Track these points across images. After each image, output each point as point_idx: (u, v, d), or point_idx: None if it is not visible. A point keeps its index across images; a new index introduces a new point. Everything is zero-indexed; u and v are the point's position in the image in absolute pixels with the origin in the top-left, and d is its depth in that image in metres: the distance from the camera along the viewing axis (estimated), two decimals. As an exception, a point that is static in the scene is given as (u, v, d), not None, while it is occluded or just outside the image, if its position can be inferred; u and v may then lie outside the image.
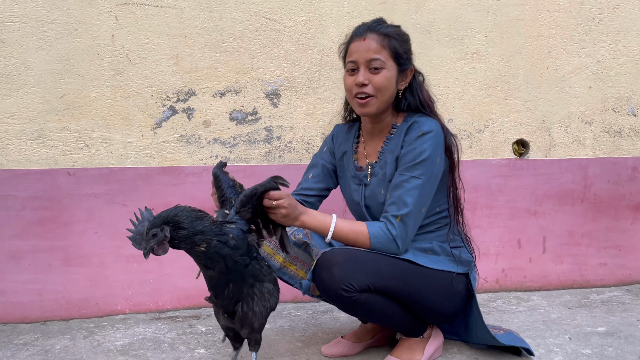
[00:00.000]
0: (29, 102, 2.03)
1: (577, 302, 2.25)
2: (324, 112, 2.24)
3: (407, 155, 1.53)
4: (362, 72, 1.54)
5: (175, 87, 2.14)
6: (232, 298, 1.34)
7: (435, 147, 1.53)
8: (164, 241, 1.19)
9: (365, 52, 1.53)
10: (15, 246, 2.04)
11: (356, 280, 1.42)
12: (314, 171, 1.76)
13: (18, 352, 1.77)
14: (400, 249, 1.50)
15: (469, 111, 2.35)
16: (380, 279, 1.45)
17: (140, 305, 2.14)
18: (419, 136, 1.53)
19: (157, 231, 1.17)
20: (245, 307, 1.35)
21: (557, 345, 1.77)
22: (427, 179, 1.51)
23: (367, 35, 1.54)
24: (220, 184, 1.44)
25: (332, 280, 1.42)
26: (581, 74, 2.41)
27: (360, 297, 1.43)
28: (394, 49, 1.54)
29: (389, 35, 1.54)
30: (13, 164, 2.03)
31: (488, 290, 2.39)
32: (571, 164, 2.42)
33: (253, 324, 1.37)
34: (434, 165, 1.52)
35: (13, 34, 2.00)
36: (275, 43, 2.19)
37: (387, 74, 1.54)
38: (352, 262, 1.44)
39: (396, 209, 1.50)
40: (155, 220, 1.17)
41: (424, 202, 1.52)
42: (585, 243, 2.45)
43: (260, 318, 1.38)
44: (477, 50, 2.33)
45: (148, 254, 1.17)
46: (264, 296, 1.39)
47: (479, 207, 2.36)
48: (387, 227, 1.49)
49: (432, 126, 1.54)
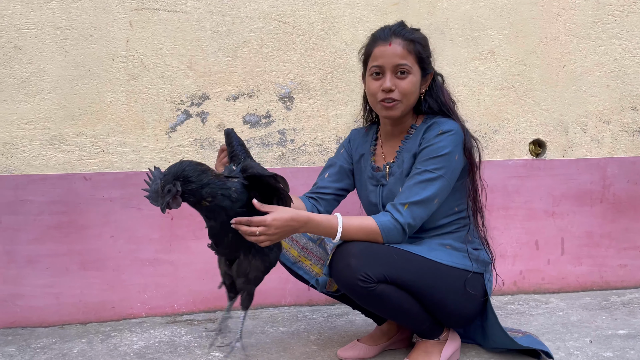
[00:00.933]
0: (45, 107, 2.06)
1: (597, 304, 2.21)
2: (338, 114, 2.23)
3: (424, 150, 1.54)
4: (388, 78, 1.54)
5: (189, 92, 2.15)
6: (232, 247, 1.38)
7: (455, 145, 1.52)
8: (177, 195, 1.26)
9: (392, 57, 1.54)
10: (33, 250, 2.06)
11: (372, 271, 1.42)
12: (331, 170, 1.76)
13: (36, 356, 1.78)
14: (406, 235, 1.51)
15: (484, 111, 2.32)
16: (396, 271, 1.45)
17: (156, 308, 2.15)
18: (438, 134, 1.53)
19: (170, 186, 1.24)
20: (242, 256, 1.40)
21: (578, 348, 1.74)
22: (443, 173, 1.51)
23: (392, 40, 1.55)
24: (231, 140, 1.51)
25: (348, 270, 1.42)
26: (598, 73, 2.37)
27: (377, 288, 1.43)
28: (419, 54, 1.56)
29: (414, 41, 1.56)
30: (30, 169, 2.06)
31: (505, 292, 2.36)
32: (589, 163, 2.38)
33: (248, 274, 1.41)
34: (451, 162, 1.51)
35: (29, 40, 2.03)
36: (288, 46, 2.19)
37: (413, 79, 1.55)
38: (368, 252, 1.44)
39: (405, 198, 1.51)
40: (167, 177, 1.25)
41: (436, 194, 1.51)
42: (604, 244, 2.41)
43: (255, 270, 1.42)
44: (491, 49, 2.31)
45: (165, 209, 1.24)
46: (264, 250, 1.42)
47: (495, 209, 2.33)
48: (394, 217, 1.49)
49: (452, 126, 1.55)
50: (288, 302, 2.24)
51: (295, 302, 2.25)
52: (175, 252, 2.15)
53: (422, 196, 1.49)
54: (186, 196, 1.29)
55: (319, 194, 1.72)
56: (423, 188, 1.50)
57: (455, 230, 1.62)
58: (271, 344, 1.83)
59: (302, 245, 1.68)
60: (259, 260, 1.43)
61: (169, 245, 2.15)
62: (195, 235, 2.15)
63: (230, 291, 1.51)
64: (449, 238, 1.61)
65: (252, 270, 1.41)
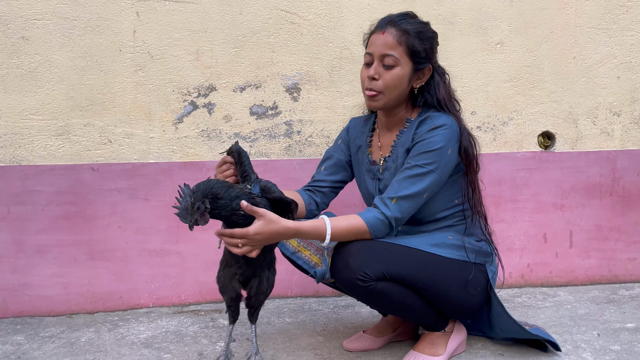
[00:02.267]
0: (53, 98, 2.07)
1: (606, 297, 2.19)
2: (345, 105, 2.22)
3: (416, 145, 1.52)
4: (374, 66, 1.54)
5: (196, 82, 2.14)
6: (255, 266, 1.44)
7: (448, 139, 1.50)
8: (205, 212, 1.31)
9: (381, 47, 1.52)
10: (42, 240, 2.07)
11: (371, 269, 1.41)
12: (327, 163, 1.76)
13: (44, 345, 1.80)
14: (394, 229, 1.50)
15: (492, 103, 2.30)
16: (395, 267, 1.44)
17: (163, 299, 2.16)
18: (430, 129, 1.51)
19: (199, 204, 1.28)
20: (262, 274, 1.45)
21: (585, 341, 1.73)
22: (434, 168, 1.49)
23: (386, 29, 1.53)
24: (242, 160, 1.51)
25: (347, 270, 1.43)
26: (609, 64, 2.34)
27: (377, 286, 1.42)
28: (411, 46, 1.52)
29: (408, 32, 1.52)
30: (38, 159, 2.07)
31: (513, 285, 2.35)
32: (599, 156, 2.35)
33: (267, 290, 1.47)
34: (443, 156, 1.49)
35: (37, 31, 2.03)
36: (295, 37, 2.18)
37: (399, 72, 1.52)
38: (366, 251, 1.43)
39: (393, 192, 1.49)
40: (196, 195, 1.29)
41: (426, 189, 1.50)
42: (613, 237, 2.38)
43: (272, 286, 1.49)
44: (500, 40, 2.29)
45: (192, 226, 1.28)
46: (273, 264, 1.50)
47: (503, 201, 2.31)
48: (381, 211, 1.48)
49: (445, 120, 1.52)
50: (294, 293, 2.24)
51: (301, 294, 2.25)
52: (182, 243, 2.16)
53: (411, 191, 1.48)
54: (216, 212, 1.33)
55: (316, 187, 1.74)
56: (412, 183, 1.48)
57: (455, 223, 1.61)
58: (277, 335, 1.84)
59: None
60: (273, 275, 1.49)
61: (176, 236, 2.16)
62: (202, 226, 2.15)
63: (234, 315, 1.54)
64: (449, 230, 1.60)
65: (270, 287, 1.48)
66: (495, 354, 1.65)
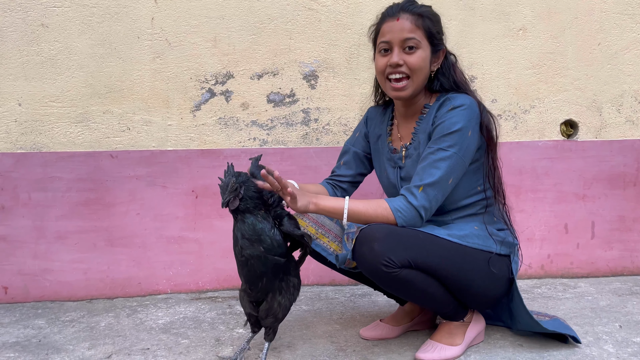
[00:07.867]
0: (72, 85, 2.08)
1: (628, 289, 2.15)
2: (362, 93, 2.20)
3: (437, 128, 1.50)
4: (396, 52, 1.51)
5: (214, 70, 2.14)
6: (264, 290, 1.43)
7: (468, 119, 1.48)
8: (238, 197, 1.36)
9: (400, 32, 1.50)
10: (62, 227, 2.10)
11: (396, 255, 1.39)
12: (346, 157, 1.76)
13: (64, 329, 1.83)
14: (423, 219, 1.47)
15: (514, 91, 2.26)
16: (421, 255, 1.42)
17: (181, 285, 2.18)
18: (450, 109, 1.49)
19: (237, 186, 1.35)
20: (273, 299, 1.45)
21: (607, 333, 1.70)
22: (456, 150, 1.46)
23: (400, 15, 1.51)
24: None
25: (372, 255, 1.40)
26: (635, 50, 2.28)
27: (400, 273, 1.40)
28: (428, 28, 1.51)
29: (423, 15, 1.51)
30: (59, 146, 2.09)
31: (532, 276, 2.31)
32: (623, 145, 2.30)
33: (278, 314, 1.46)
34: (464, 138, 1.47)
35: (56, 18, 2.04)
36: (313, 23, 2.16)
37: (422, 53, 1.51)
38: (392, 237, 1.41)
39: (419, 180, 1.47)
40: (239, 179, 1.36)
41: (451, 174, 1.47)
42: (637, 229, 2.33)
43: (284, 310, 1.47)
44: (523, 26, 2.23)
45: (225, 205, 1.34)
46: (290, 289, 1.47)
47: (524, 191, 2.28)
48: (408, 200, 1.46)
49: (464, 100, 1.50)
50: (311, 281, 2.24)
51: (318, 282, 2.25)
52: (199, 230, 2.17)
53: (436, 177, 1.45)
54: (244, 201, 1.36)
55: (337, 182, 1.75)
56: (437, 167, 1.46)
57: (478, 212, 1.59)
58: (294, 322, 1.84)
59: (320, 223, 1.67)
60: (287, 300, 1.47)
61: (194, 223, 2.16)
62: (219, 214, 2.16)
63: (255, 326, 1.54)
64: (473, 220, 1.58)
65: (281, 311, 1.47)
66: (515, 344, 1.63)
